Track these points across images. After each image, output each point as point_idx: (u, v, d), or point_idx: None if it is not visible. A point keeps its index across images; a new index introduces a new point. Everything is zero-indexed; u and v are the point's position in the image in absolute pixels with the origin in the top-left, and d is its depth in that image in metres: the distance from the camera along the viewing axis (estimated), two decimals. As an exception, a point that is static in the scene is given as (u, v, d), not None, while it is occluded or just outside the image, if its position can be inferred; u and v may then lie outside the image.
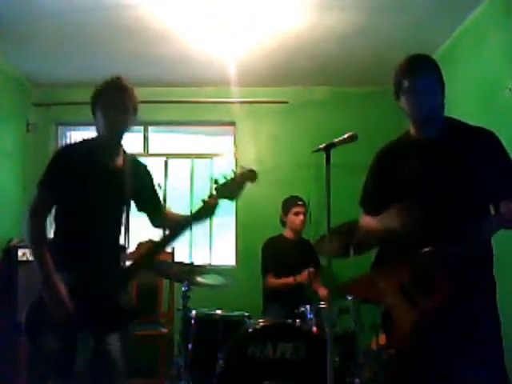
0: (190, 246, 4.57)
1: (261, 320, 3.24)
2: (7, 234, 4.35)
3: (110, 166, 2.29)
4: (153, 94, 4.78)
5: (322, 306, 3.28)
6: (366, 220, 2.24)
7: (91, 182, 2.21)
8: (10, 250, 4.13)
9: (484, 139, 2.05)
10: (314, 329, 3.16)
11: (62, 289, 2.06)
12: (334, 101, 5.17)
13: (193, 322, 3.22)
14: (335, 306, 3.22)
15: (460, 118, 2.16)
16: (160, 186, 4.75)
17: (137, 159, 2.49)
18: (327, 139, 2.15)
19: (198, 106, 5.16)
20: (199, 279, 3.22)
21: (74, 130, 5.37)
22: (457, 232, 1.91)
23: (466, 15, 3.86)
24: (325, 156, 2.13)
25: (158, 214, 2.50)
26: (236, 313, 3.32)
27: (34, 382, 3.80)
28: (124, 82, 2.28)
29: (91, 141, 2.34)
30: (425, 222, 1.96)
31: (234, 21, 3.89)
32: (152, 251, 2.28)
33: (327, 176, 2.12)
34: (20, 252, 4.06)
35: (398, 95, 2.09)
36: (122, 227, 2.33)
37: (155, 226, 2.51)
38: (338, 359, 2.97)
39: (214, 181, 2.20)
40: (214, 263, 5.09)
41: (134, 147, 5.02)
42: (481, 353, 1.93)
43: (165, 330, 4.24)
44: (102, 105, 2.25)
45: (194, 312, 3.25)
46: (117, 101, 2.23)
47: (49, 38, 4.15)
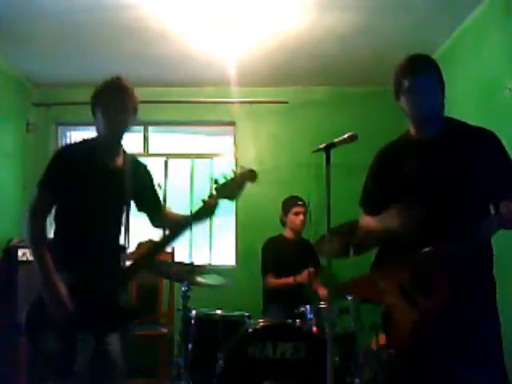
0: (190, 246, 4.57)
1: (261, 320, 3.24)
2: (7, 233, 4.35)
3: (110, 166, 2.29)
4: (153, 94, 4.78)
5: (322, 305, 3.28)
6: (366, 220, 2.24)
7: (91, 182, 2.21)
8: (10, 250, 4.13)
9: (484, 139, 2.05)
10: (314, 329, 3.16)
11: (62, 289, 2.06)
12: (334, 101, 5.17)
13: (193, 322, 3.22)
14: (335, 305, 3.22)
15: (460, 118, 2.16)
16: (160, 186, 4.75)
17: (137, 159, 2.49)
18: (327, 139, 2.15)
19: (198, 106, 5.16)
20: (199, 279, 3.22)
21: (74, 130, 5.37)
22: (457, 232, 1.91)
23: (466, 15, 3.86)
24: (325, 156, 2.13)
25: (158, 214, 2.49)
26: (236, 313, 3.32)
27: (34, 382, 3.80)
28: (124, 82, 2.29)
29: (91, 141, 2.34)
30: (425, 222, 1.96)
31: (233, 21, 3.90)
32: (152, 251, 2.28)
33: (327, 176, 2.12)
34: (20, 252, 4.06)
35: (398, 95, 2.09)
36: (121, 227, 2.33)
37: (155, 226, 2.51)
38: (338, 359, 2.97)
39: (213, 181, 2.19)
40: (214, 263, 5.09)
41: (134, 147, 5.02)
42: (481, 353, 1.93)
43: (165, 330, 4.24)
44: (101, 105, 2.25)
45: (193, 312, 3.25)
46: (117, 101, 2.23)
47: (49, 38, 4.15)
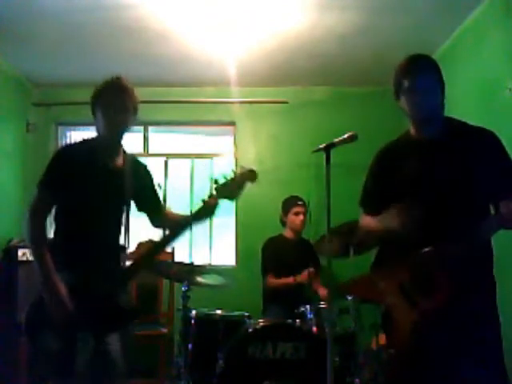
0: (190, 245, 4.57)
1: (261, 320, 3.24)
2: (7, 234, 4.35)
3: (110, 166, 2.29)
4: (153, 94, 4.78)
5: (322, 305, 3.28)
6: (366, 220, 2.24)
7: (91, 182, 2.21)
8: (10, 250, 4.13)
9: (484, 139, 2.05)
10: (314, 329, 3.16)
11: (62, 289, 2.06)
12: (334, 101, 5.17)
13: (193, 322, 3.22)
14: (335, 306, 3.22)
15: (460, 118, 2.15)
16: (160, 186, 4.75)
17: (137, 159, 2.49)
18: (327, 139, 2.15)
19: (198, 105, 5.16)
20: (199, 279, 3.22)
21: (74, 130, 5.37)
22: (457, 232, 1.91)
23: (466, 15, 3.86)
24: (325, 156, 2.13)
25: (157, 214, 2.49)
26: (236, 313, 3.32)
27: (34, 382, 3.80)
28: (124, 82, 2.28)
29: (91, 141, 2.34)
30: (425, 221, 1.96)
31: (234, 21, 3.89)
32: (152, 251, 2.28)
33: (327, 176, 2.12)
34: (20, 252, 4.06)
35: (398, 95, 2.09)
36: (122, 227, 2.33)
37: (155, 226, 2.51)
38: (338, 359, 2.97)
39: (213, 181, 2.20)
40: (214, 263, 5.09)
41: (134, 147, 5.02)
42: (481, 353, 1.93)
43: (165, 330, 4.24)
44: (101, 105, 2.25)
45: (193, 312, 3.25)
46: (117, 101, 2.23)
47: (49, 38, 4.15)
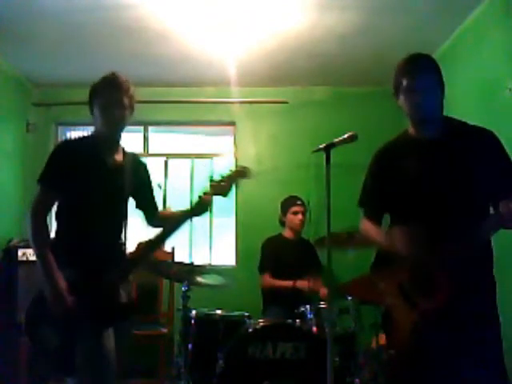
0: (190, 246, 4.58)
1: (261, 320, 3.23)
2: (7, 234, 4.35)
3: (110, 162, 2.30)
4: (153, 94, 4.78)
5: (322, 306, 3.27)
6: (369, 230, 2.23)
7: (91, 178, 2.22)
8: (10, 250, 4.14)
9: (484, 139, 2.05)
10: (314, 329, 3.16)
11: (63, 283, 2.08)
12: (334, 101, 5.16)
13: (193, 322, 3.21)
14: (335, 306, 3.22)
15: (460, 118, 2.15)
16: (160, 186, 4.76)
17: (137, 157, 2.50)
18: (327, 139, 2.15)
19: (198, 105, 5.16)
20: (199, 279, 3.22)
21: (74, 130, 5.36)
22: (456, 232, 1.91)
23: (466, 15, 3.86)
24: (325, 156, 2.14)
25: (153, 213, 2.52)
26: (236, 313, 3.31)
27: (34, 382, 3.81)
28: (119, 79, 2.28)
29: (90, 137, 2.35)
30: (424, 221, 1.96)
31: (234, 21, 3.90)
32: (151, 244, 2.29)
33: (327, 176, 2.12)
34: (20, 252, 4.06)
35: (398, 94, 2.09)
36: (122, 223, 2.34)
37: (149, 224, 2.52)
38: (337, 359, 2.97)
39: (209, 179, 2.27)
40: (214, 263, 5.09)
41: (134, 147, 5.01)
42: (481, 353, 1.92)
43: (165, 330, 4.24)
44: (98, 102, 2.27)
45: (193, 312, 3.25)
46: (112, 97, 2.24)
47: (49, 38, 4.15)
